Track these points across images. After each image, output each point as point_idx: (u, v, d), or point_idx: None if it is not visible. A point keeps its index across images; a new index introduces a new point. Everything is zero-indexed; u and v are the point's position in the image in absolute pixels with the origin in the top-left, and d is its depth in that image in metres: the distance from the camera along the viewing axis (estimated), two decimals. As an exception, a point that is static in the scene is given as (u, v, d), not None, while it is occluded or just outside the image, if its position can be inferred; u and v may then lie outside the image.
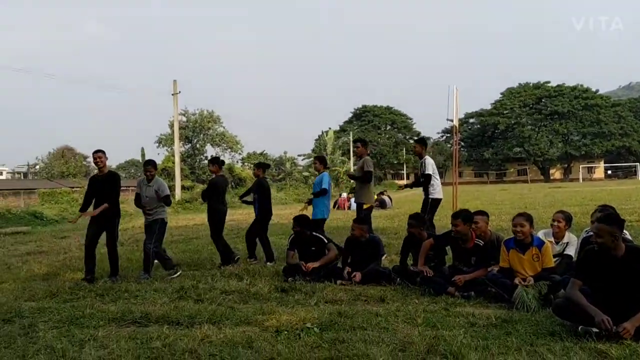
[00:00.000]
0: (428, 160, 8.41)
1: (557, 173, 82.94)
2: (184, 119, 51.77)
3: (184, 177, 40.03)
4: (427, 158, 8.45)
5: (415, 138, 38.65)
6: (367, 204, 8.52)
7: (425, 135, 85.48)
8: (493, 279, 5.60)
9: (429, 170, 8.30)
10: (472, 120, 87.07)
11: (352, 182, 10.33)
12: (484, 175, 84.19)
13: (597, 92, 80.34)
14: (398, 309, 5.17)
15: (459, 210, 6.48)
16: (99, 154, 7.49)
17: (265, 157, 68.74)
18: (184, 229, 15.72)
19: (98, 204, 7.51)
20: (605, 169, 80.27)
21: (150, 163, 7.91)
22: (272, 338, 4.36)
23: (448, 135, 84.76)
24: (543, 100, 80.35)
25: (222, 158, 13.64)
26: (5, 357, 4.12)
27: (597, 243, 4.25)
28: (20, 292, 6.78)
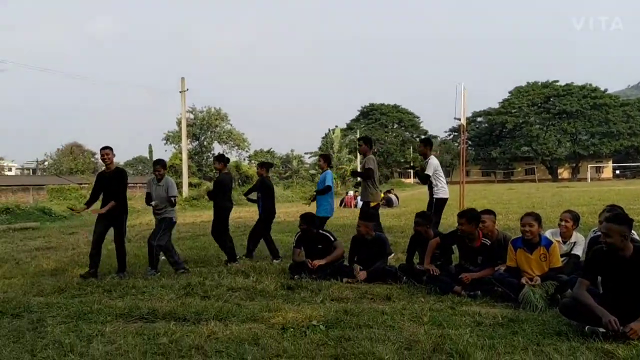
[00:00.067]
0: (432, 161, 8.37)
1: (565, 172, 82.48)
2: (192, 117, 52.01)
3: (191, 174, 40.19)
4: (431, 158, 8.42)
5: (421, 137, 38.56)
6: (373, 202, 8.52)
7: (433, 134, 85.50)
8: (500, 278, 5.59)
9: (429, 171, 8.28)
10: (479, 119, 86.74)
11: (356, 179, 10.32)
12: (492, 174, 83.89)
13: (605, 91, 79.81)
14: (404, 308, 5.17)
15: (465, 210, 6.46)
16: (107, 151, 7.54)
17: (272, 154, 68.82)
18: (191, 226, 15.78)
19: (105, 200, 7.57)
20: (614, 169, 79.76)
21: (160, 163, 7.92)
22: (278, 335, 4.37)
23: (455, 134, 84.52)
24: (551, 99, 79.87)
25: (229, 155, 13.68)
26: (14, 351, 4.16)
27: (605, 243, 4.23)
28: (29, 287, 6.84)
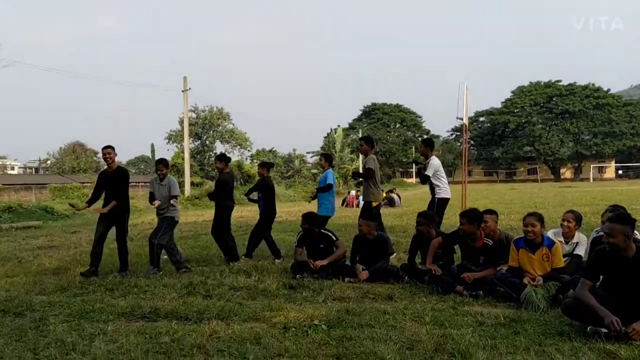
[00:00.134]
0: (432, 162, 8.36)
1: (567, 172, 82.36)
2: (194, 116, 52.04)
3: (194, 173, 40.21)
4: (432, 159, 8.40)
5: (423, 138, 38.52)
6: (375, 202, 8.53)
7: (435, 134, 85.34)
8: (502, 278, 5.58)
9: (430, 172, 8.28)
10: (482, 119, 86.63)
11: (358, 179, 10.32)
12: (494, 174, 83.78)
13: (608, 91, 79.60)
14: (406, 307, 5.17)
15: (467, 210, 6.46)
16: (108, 150, 7.54)
17: (275, 154, 68.80)
18: (193, 225, 15.79)
19: (107, 200, 7.58)
20: (616, 169, 79.62)
21: (162, 162, 7.93)
22: (280, 334, 4.38)
23: (458, 134, 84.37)
24: (554, 99, 79.70)
25: (231, 155, 13.66)
26: (17, 350, 4.17)
27: (608, 243, 4.22)
28: (32, 285, 6.85)
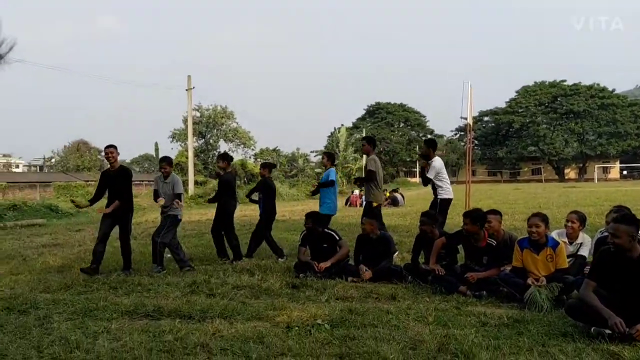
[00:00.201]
0: (434, 164, 8.31)
1: (571, 173, 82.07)
2: (198, 115, 52.02)
3: (197, 172, 40.24)
4: (434, 160, 8.35)
5: (425, 138, 38.33)
6: (375, 203, 8.53)
7: (439, 133, 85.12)
8: (505, 279, 5.58)
9: (431, 174, 8.25)
10: (486, 119, 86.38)
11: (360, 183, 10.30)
12: (498, 174, 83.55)
13: (613, 91, 79.28)
14: (409, 307, 5.17)
15: (471, 210, 6.45)
16: (111, 149, 7.54)
17: (278, 153, 68.78)
18: (197, 224, 15.81)
19: (111, 199, 7.59)
20: (621, 169, 79.30)
21: (165, 160, 7.94)
22: (283, 334, 4.38)
23: (462, 134, 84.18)
24: (559, 99, 79.43)
25: (234, 154, 13.63)
26: (21, 347, 4.19)
27: (613, 244, 4.21)
28: (36, 283, 6.88)
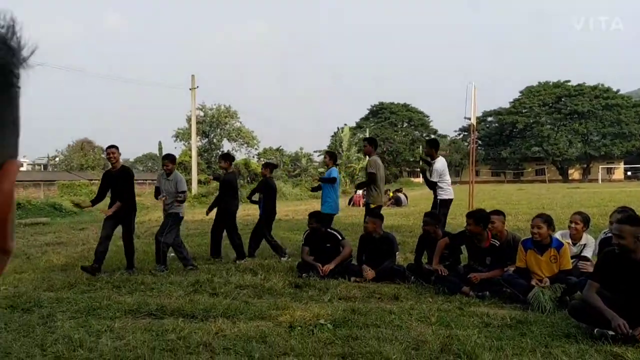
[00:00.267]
0: (437, 164, 8.30)
1: (575, 173, 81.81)
2: (202, 114, 52.09)
3: (201, 171, 40.29)
4: (436, 162, 8.33)
5: (427, 139, 38.28)
6: (373, 204, 8.54)
7: (442, 133, 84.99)
8: (508, 279, 5.57)
9: (435, 177, 8.25)
10: (490, 119, 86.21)
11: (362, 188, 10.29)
12: (501, 175, 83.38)
13: (618, 91, 78.94)
14: (412, 307, 5.17)
15: (474, 210, 6.45)
16: (113, 150, 7.53)
17: (282, 152, 68.83)
18: (200, 223, 15.80)
19: (113, 199, 7.60)
20: (625, 170, 78.96)
21: (168, 157, 7.96)
22: (285, 333, 4.39)
23: (465, 134, 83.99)
24: (563, 100, 79.16)
25: (238, 153, 13.59)
26: (25, 346, 4.20)
27: (618, 245, 4.19)
28: (39, 282, 6.90)
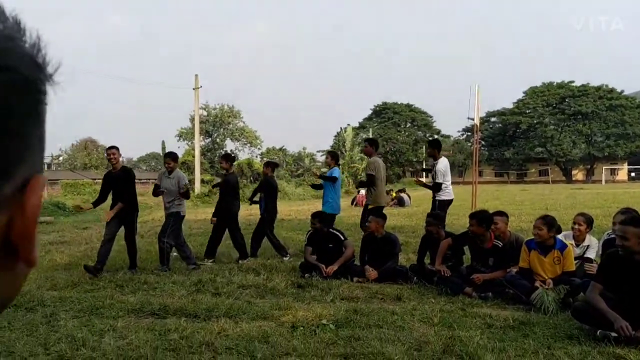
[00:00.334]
0: (439, 165, 8.29)
1: (579, 174, 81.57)
2: (205, 113, 52.17)
3: (204, 170, 40.35)
4: (439, 162, 8.33)
5: (429, 139, 38.24)
6: (372, 205, 8.54)
7: (445, 134, 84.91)
8: (511, 280, 5.56)
9: (439, 179, 8.25)
10: (493, 119, 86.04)
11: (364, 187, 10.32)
12: (505, 175, 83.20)
13: (622, 92, 78.71)
14: (414, 308, 5.17)
15: (477, 211, 6.45)
16: (113, 151, 7.51)
17: (285, 152, 68.88)
18: (203, 223, 15.81)
19: (114, 200, 7.61)
20: (629, 171, 78.70)
21: (170, 155, 7.97)
22: (288, 333, 4.39)
23: (469, 134, 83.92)
24: (567, 100, 78.94)
25: (241, 153, 13.56)
26: (28, 344, 4.22)
27: (622, 246, 4.18)
28: (43, 281, 6.91)
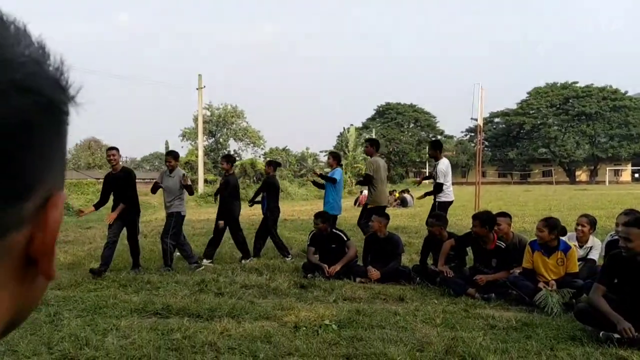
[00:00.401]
0: (440, 166, 8.27)
1: (582, 175, 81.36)
2: (208, 113, 52.25)
3: (207, 170, 40.42)
4: (439, 163, 8.31)
5: (431, 140, 38.28)
6: (371, 205, 8.54)
7: (449, 134, 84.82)
8: (514, 281, 5.56)
9: (441, 179, 8.24)
10: (497, 120, 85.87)
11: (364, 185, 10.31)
12: (508, 176, 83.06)
13: (626, 93, 78.47)
14: (417, 309, 5.17)
15: (480, 212, 6.44)
16: (113, 152, 7.51)
17: (288, 152, 68.92)
18: (206, 223, 15.84)
19: (116, 201, 7.61)
20: (633, 172, 78.45)
21: (171, 154, 7.98)
22: (290, 333, 4.40)
23: (472, 135, 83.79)
24: (570, 101, 78.75)
25: (244, 153, 13.54)
26: (32, 343, 4.23)
27: (625, 247, 4.17)
28: (46, 280, 6.93)
